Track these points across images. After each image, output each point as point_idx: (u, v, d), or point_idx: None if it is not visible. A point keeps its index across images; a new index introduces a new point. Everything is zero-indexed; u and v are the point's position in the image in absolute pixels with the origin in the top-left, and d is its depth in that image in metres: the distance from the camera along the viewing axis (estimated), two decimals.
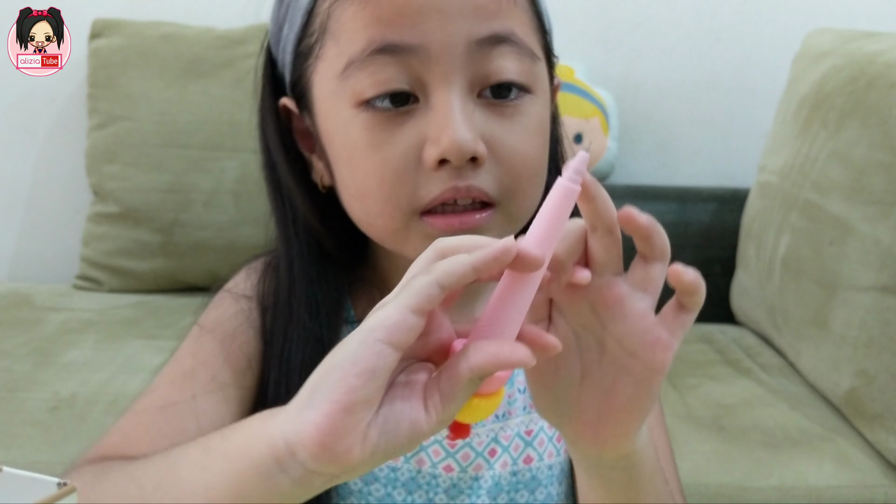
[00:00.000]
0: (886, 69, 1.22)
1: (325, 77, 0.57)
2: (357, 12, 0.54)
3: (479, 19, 0.53)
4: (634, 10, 1.85)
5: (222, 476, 0.41)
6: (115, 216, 1.68)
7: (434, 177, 0.53)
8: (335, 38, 0.55)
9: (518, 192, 0.56)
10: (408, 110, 0.54)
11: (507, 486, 0.64)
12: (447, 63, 0.53)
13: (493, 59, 0.54)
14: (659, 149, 1.88)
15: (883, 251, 1.14)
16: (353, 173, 0.57)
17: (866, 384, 1.15)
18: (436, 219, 0.55)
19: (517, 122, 0.55)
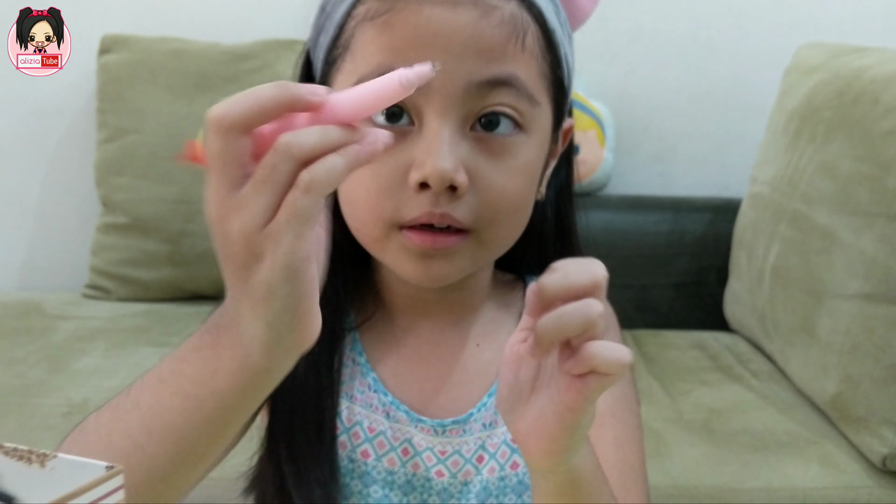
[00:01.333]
0: (871, 84, 1.27)
1: (339, 88, 0.61)
2: (374, 36, 0.58)
3: (483, 62, 0.57)
4: (631, 25, 1.89)
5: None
6: (123, 227, 1.72)
7: (415, 198, 0.57)
8: (353, 55, 0.60)
9: (493, 224, 0.60)
10: (403, 131, 0.58)
11: (495, 490, 0.67)
12: (444, 98, 0.56)
13: (489, 97, 0.58)
14: (655, 160, 1.92)
15: (867, 261, 1.18)
16: (348, 181, 0.61)
17: (851, 389, 1.19)
18: (413, 234, 0.59)
19: (504, 159, 0.59)
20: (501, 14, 0.58)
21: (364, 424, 0.66)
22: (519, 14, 0.59)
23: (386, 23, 0.57)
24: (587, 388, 0.45)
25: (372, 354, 0.68)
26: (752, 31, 1.87)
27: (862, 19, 1.85)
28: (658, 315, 1.72)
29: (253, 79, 1.72)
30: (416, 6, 0.57)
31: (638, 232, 1.74)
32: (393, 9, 0.57)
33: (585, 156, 1.76)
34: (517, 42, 0.58)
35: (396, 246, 0.60)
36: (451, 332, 0.69)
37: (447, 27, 0.56)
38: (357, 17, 0.60)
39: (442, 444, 0.66)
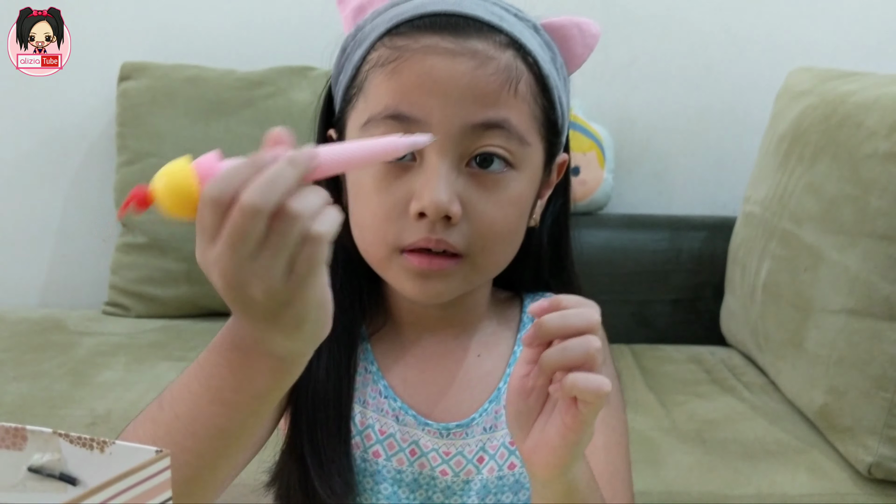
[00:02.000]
0: (855, 109, 1.33)
1: (353, 125, 0.69)
2: (383, 81, 0.65)
3: (477, 107, 0.64)
4: (629, 48, 1.95)
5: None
6: (142, 246, 1.79)
7: (415, 225, 0.65)
8: (365, 96, 0.67)
9: (485, 250, 0.67)
10: (405, 166, 0.65)
11: (493, 488, 0.74)
12: (443, 137, 0.63)
13: (483, 139, 0.65)
14: (654, 179, 1.98)
15: (851, 277, 1.23)
16: (358, 207, 0.69)
17: (837, 400, 1.24)
18: (413, 257, 0.66)
19: (495, 193, 0.66)
20: (497, 64, 0.65)
21: (375, 427, 0.73)
22: (513, 63, 0.66)
23: (395, 69, 0.64)
24: (582, 411, 0.53)
25: (383, 363, 0.75)
26: (747, 56, 1.93)
27: (853, 44, 1.90)
28: (657, 330, 1.78)
29: (266, 104, 1.80)
30: (421, 56, 0.64)
31: (637, 249, 1.80)
32: (401, 57, 0.64)
33: (585, 176, 1.83)
34: (510, 89, 0.65)
35: (398, 267, 0.67)
36: (454, 344, 0.76)
37: (447, 75, 0.63)
38: (370, 62, 0.67)
39: (446, 445, 0.73)
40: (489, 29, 0.66)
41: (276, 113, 1.79)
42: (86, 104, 1.96)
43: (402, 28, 0.66)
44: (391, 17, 0.67)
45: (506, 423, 0.61)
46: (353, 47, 0.70)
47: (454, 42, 0.64)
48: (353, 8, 0.71)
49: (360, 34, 0.70)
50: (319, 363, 0.71)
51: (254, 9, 1.94)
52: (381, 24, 0.68)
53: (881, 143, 1.22)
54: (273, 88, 1.81)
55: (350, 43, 0.71)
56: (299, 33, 1.90)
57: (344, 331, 0.72)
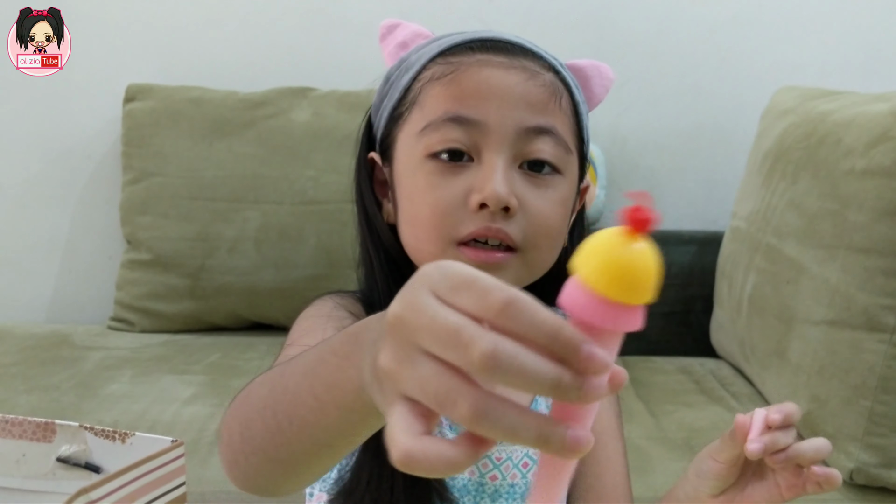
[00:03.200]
0: (835, 127, 1.38)
1: (407, 134, 0.74)
2: (441, 91, 0.71)
3: (530, 112, 0.70)
4: (620, 68, 1.97)
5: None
6: (146, 262, 1.84)
7: (474, 216, 0.69)
8: (421, 107, 0.72)
9: (537, 245, 0.72)
10: (462, 166, 0.70)
11: (521, 491, 0.78)
12: (499, 138, 0.69)
13: (535, 142, 0.70)
14: None
15: (831, 290, 1.28)
16: (412, 206, 0.73)
17: (819, 408, 1.28)
18: (469, 250, 0.70)
19: (545, 191, 0.71)
20: (544, 79, 0.71)
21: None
22: (556, 82, 0.72)
23: (452, 80, 0.70)
24: (808, 489, 0.66)
25: None
26: (735, 77, 1.98)
27: (839, 64, 1.96)
28: (649, 342, 1.82)
29: (268, 124, 1.85)
30: (477, 67, 0.70)
31: None
32: (458, 70, 0.71)
33: None
34: (556, 101, 0.71)
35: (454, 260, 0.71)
36: None
37: (503, 83, 0.69)
38: (423, 79, 0.73)
39: (497, 450, 0.77)
40: (532, 54, 0.72)
41: (277, 133, 1.83)
42: (92, 125, 2.01)
43: (454, 50, 0.72)
44: (441, 44, 0.73)
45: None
46: (398, 74, 0.76)
47: (506, 58, 0.71)
48: (398, 44, 0.77)
49: (405, 63, 0.75)
50: None
51: (255, 32, 1.99)
52: (430, 50, 0.74)
53: (858, 160, 1.27)
54: (274, 109, 1.86)
55: (395, 72, 0.76)
56: (299, 56, 1.95)
57: None
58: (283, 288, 1.79)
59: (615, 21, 1.99)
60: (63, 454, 0.46)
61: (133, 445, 0.42)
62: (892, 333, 1.21)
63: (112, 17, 1.98)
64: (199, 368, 1.59)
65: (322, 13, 1.96)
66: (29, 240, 2.04)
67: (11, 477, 0.46)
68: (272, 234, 1.80)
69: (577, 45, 1.98)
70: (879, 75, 1.93)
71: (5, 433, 0.47)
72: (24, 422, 0.46)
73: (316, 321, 0.74)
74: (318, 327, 0.73)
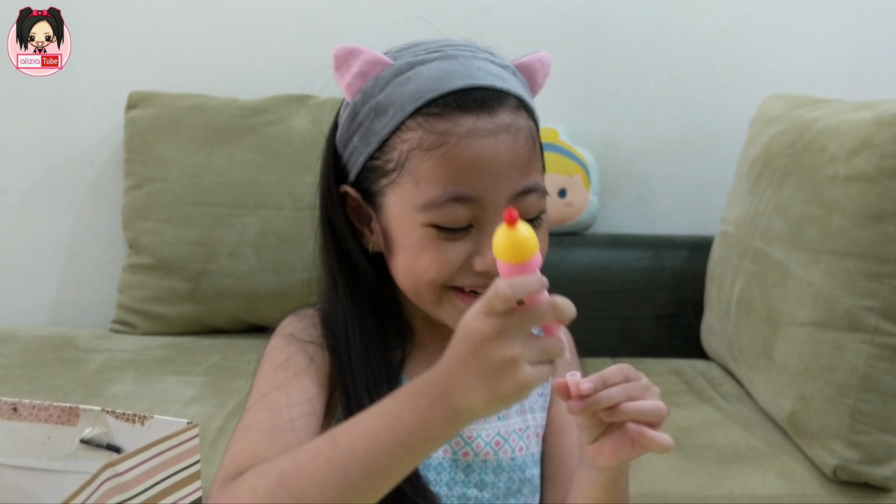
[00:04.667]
0: (819, 134, 1.42)
1: (401, 199, 0.78)
2: (435, 167, 0.75)
3: (519, 176, 0.76)
4: (613, 77, 2.05)
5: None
6: (148, 267, 1.87)
7: (473, 274, 0.76)
8: (414, 178, 0.76)
9: None
10: (465, 233, 0.76)
11: (506, 466, 0.84)
12: (496, 207, 0.75)
13: (524, 201, 0.76)
14: (637, 202, 2.07)
15: (815, 292, 1.32)
16: (416, 262, 0.78)
17: (804, 407, 1.32)
18: (464, 296, 0.77)
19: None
20: (524, 134, 0.77)
21: None
22: (529, 124, 0.78)
23: (445, 155, 0.74)
24: (646, 447, 0.70)
25: (410, 377, 0.84)
26: (725, 86, 2.02)
27: (827, 73, 2.00)
28: (641, 345, 1.86)
29: (267, 131, 1.88)
30: (466, 140, 0.74)
31: (621, 268, 1.88)
32: (447, 143, 0.74)
33: (572, 198, 1.92)
34: (534, 151, 0.78)
35: (450, 306, 0.78)
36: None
37: (493, 156, 0.74)
38: (409, 141, 0.76)
39: (468, 430, 0.84)
40: (504, 95, 0.77)
41: (277, 139, 1.87)
42: (94, 132, 2.04)
43: (433, 108, 0.75)
44: (413, 96, 0.76)
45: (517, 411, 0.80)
46: (367, 115, 0.79)
47: (489, 121, 0.75)
48: (354, 74, 0.79)
49: (373, 103, 0.78)
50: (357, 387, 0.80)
51: (255, 41, 2.03)
52: (402, 100, 0.76)
53: (841, 166, 1.31)
54: (273, 116, 1.89)
55: (361, 109, 0.79)
56: (297, 64, 1.99)
57: (388, 372, 0.81)
58: (282, 291, 1.82)
59: (608, 32, 2.03)
60: (86, 436, 0.49)
61: (151, 428, 0.46)
62: (874, 334, 1.25)
63: (114, 25, 2.02)
64: (201, 370, 1.63)
65: (320, 23, 2.01)
66: (32, 244, 2.08)
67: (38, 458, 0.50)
68: (271, 238, 1.83)
69: (569, 55, 2.03)
70: (865, 84, 1.97)
71: (32, 417, 0.50)
72: (49, 407, 0.50)
73: (275, 377, 0.80)
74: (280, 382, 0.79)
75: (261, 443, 0.73)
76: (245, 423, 0.76)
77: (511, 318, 0.59)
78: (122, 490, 0.42)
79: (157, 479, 0.44)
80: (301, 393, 0.78)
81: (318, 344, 0.82)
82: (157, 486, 0.43)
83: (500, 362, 0.59)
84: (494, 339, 0.59)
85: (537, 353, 0.59)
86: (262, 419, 0.75)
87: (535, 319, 0.59)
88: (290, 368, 0.80)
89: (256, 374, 0.82)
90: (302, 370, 0.80)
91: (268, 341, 0.85)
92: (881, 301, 1.24)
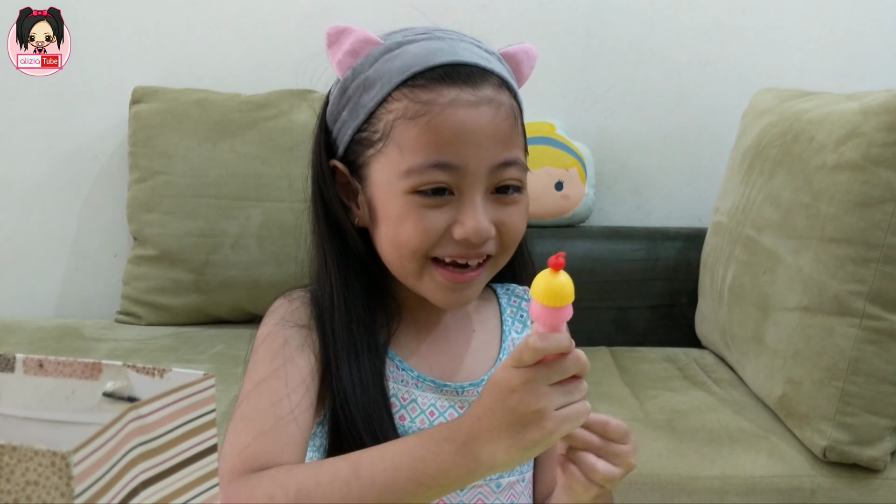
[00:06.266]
0: (808, 125, 1.45)
1: (386, 168, 0.80)
2: (419, 135, 0.77)
3: (499, 148, 0.78)
4: (608, 73, 2.08)
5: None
6: (153, 258, 1.91)
7: (454, 243, 0.78)
8: (398, 147, 0.78)
9: (508, 251, 0.82)
10: (446, 200, 0.78)
11: None
12: (477, 176, 0.77)
13: (503, 173, 0.79)
14: (632, 194, 2.11)
15: (804, 278, 1.35)
16: (398, 231, 0.80)
17: (794, 390, 1.35)
18: (445, 271, 0.79)
19: (514, 208, 0.80)
20: (506, 109, 0.79)
21: (398, 395, 0.84)
22: (511, 102, 0.80)
23: (428, 124, 0.77)
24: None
25: (399, 350, 0.86)
26: (717, 80, 2.05)
27: (817, 67, 2.03)
28: (636, 334, 1.89)
29: (269, 125, 1.91)
30: (450, 109, 0.77)
31: (617, 259, 1.92)
32: (430, 112, 0.77)
33: (569, 191, 1.95)
34: (516, 127, 0.80)
35: (430, 279, 0.80)
36: (453, 321, 0.89)
37: (474, 126, 0.77)
38: (394, 112, 0.78)
39: (461, 402, 0.85)
40: (488, 73, 0.79)
41: (279, 133, 1.91)
42: (99, 126, 2.08)
43: (419, 80, 0.78)
44: (401, 69, 0.78)
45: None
46: (356, 90, 0.81)
47: (473, 93, 0.77)
48: (346, 51, 0.82)
49: (362, 78, 0.80)
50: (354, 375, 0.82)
51: (257, 36, 2.06)
52: (390, 73, 0.79)
53: (829, 155, 1.35)
54: (275, 110, 1.93)
55: (351, 84, 0.82)
56: (299, 59, 2.01)
57: (366, 343, 0.83)
58: (284, 282, 1.81)
59: (603, 28, 2.06)
60: (108, 390, 0.52)
61: (170, 380, 0.49)
62: (862, 318, 1.28)
63: (119, 22, 2.05)
64: (205, 358, 1.66)
65: (321, 20, 2.04)
66: (38, 237, 2.11)
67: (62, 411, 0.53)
68: (274, 230, 1.86)
69: (566, 50, 2.06)
70: (854, 77, 2.01)
71: (57, 373, 0.53)
72: (73, 363, 0.53)
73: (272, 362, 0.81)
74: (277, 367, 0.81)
75: (267, 438, 0.75)
76: (246, 413, 0.78)
77: (538, 370, 0.63)
78: (145, 431, 0.45)
79: (177, 423, 0.47)
80: (297, 375, 0.80)
81: (308, 326, 0.83)
82: (177, 429, 0.47)
83: (526, 412, 0.63)
84: (521, 389, 0.63)
85: (563, 398, 0.63)
86: (265, 411, 0.77)
87: (561, 373, 0.64)
88: (285, 353, 0.81)
89: (251, 358, 0.83)
90: (297, 353, 0.81)
91: (260, 323, 0.86)
92: (869, 286, 1.28)
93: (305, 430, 0.78)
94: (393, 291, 0.87)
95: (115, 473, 0.42)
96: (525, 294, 0.93)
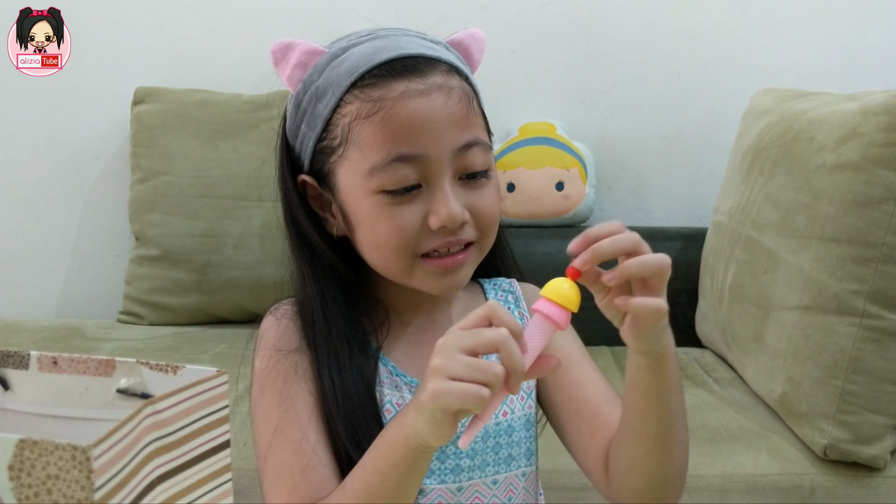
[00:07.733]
0: (808, 125, 1.46)
1: (350, 171, 0.80)
2: (375, 132, 0.78)
3: (457, 131, 0.78)
4: (609, 73, 2.09)
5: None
6: (155, 258, 1.91)
7: (434, 234, 0.79)
8: (358, 147, 0.79)
9: (488, 233, 0.83)
10: (414, 195, 0.79)
11: (492, 432, 0.87)
12: (441, 164, 0.78)
13: (467, 157, 0.79)
14: (632, 194, 2.12)
15: (804, 277, 1.36)
16: (374, 233, 0.81)
17: (794, 389, 1.36)
18: (432, 262, 0.80)
19: (484, 191, 0.81)
20: (456, 91, 0.79)
21: (393, 401, 0.85)
22: (462, 84, 0.81)
23: (382, 119, 0.77)
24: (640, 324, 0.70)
25: (388, 353, 0.87)
26: (717, 81, 2.06)
27: (817, 67, 2.05)
28: None
29: (271, 125, 1.91)
30: (402, 101, 0.77)
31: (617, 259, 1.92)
32: (383, 107, 0.77)
33: (569, 191, 1.96)
34: (471, 108, 0.80)
35: (421, 272, 0.81)
36: (441, 318, 0.89)
37: (428, 113, 0.77)
38: (348, 115, 0.79)
39: None
40: (434, 61, 0.80)
41: None
42: (101, 127, 2.08)
43: (367, 80, 0.78)
44: (348, 72, 0.79)
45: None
46: (310, 101, 0.82)
47: (421, 82, 0.78)
48: (293, 66, 0.83)
49: (313, 88, 0.81)
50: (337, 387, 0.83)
51: (259, 38, 2.06)
52: (339, 78, 0.79)
53: (829, 155, 1.35)
54: (277, 111, 1.90)
55: (304, 97, 0.82)
56: None
57: (354, 353, 0.84)
58: (285, 282, 1.85)
59: (603, 29, 2.07)
60: (122, 386, 0.53)
61: (183, 377, 0.50)
62: (862, 317, 1.29)
63: (121, 22, 2.06)
64: (207, 358, 1.66)
65: (321, 20, 2.05)
66: (40, 238, 2.12)
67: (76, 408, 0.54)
68: (275, 230, 1.82)
69: (566, 51, 2.07)
70: (853, 77, 2.02)
71: (71, 370, 0.54)
72: (87, 360, 0.54)
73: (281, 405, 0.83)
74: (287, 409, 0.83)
75: (299, 492, 0.79)
76: (275, 468, 0.80)
77: (458, 331, 0.66)
78: (161, 426, 0.46)
79: (191, 419, 0.48)
80: (305, 411, 0.82)
81: (298, 348, 0.85)
82: (192, 424, 0.47)
83: (430, 369, 0.65)
84: (438, 348, 0.65)
85: (464, 370, 0.63)
86: (290, 463, 0.80)
87: (477, 337, 0.65)
88: (289, 390, 0.82)
89: (257, 397, 0.84)
90: (298, 387, 0.83)
91: (254, 351, 0.88)
92: (868, 285, 1.29)
93: (329, 460, 0.81)
94: (379, 297, 0.88)
95: (133, 467, 0.43)
96: (511, 287, 0.94)
